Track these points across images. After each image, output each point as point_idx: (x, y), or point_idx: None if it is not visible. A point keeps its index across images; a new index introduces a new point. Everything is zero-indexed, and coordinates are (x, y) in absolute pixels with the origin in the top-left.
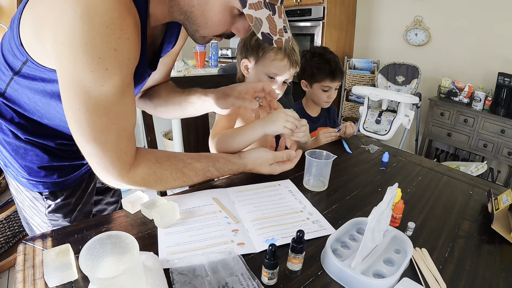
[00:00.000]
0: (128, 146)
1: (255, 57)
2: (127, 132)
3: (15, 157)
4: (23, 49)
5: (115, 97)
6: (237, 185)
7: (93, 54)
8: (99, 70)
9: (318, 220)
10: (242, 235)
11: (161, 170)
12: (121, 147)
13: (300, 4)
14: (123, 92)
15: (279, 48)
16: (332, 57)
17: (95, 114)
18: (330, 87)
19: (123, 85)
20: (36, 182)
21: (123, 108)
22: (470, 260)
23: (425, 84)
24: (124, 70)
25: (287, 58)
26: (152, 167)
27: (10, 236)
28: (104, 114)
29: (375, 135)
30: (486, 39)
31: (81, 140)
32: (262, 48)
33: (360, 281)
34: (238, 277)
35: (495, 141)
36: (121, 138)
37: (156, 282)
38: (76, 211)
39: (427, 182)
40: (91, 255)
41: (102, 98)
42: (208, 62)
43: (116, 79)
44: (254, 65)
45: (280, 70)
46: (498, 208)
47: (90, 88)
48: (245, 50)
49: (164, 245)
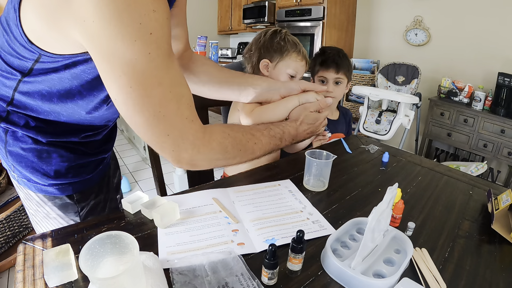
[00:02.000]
0: (192, 113)
1: (278, 57)
2: (186, 98)
3: (39, 164)
4: (34, 46)
5: (164, 63)
6: (237, 185)
7: (132, 21)
8: (143, 37)
9: (318, 220)
10: (242, 235)
11: (234, 132)
12: (186, 115)
13: (300, 4)
14: (169, 55)
15: (299, 51)
16: (329, 50)
17: (149, 87)
18: (326, 78)
19: (168, 48)
20: (65, 185)
21: (174, 73)
22: (470, 260)
23: (425, 84)
24: (166, 31)
25: (305, 59)
26: (225, 130)
27: (10, 236)
28: (158, 84)
29: (375, 135)
30: (486, 39)
31: (141, 122)
32: (286, 49)
33: (360, 281)
34: (238, 277)
35: (495, 141)
36: (182, 106)
37: (156, 282)
38: (107, 208)
39: (427, 182)
40: (91, 255)
41: (152, 67)
42: None
43: (162, 42)
44: (276, 65)
45: (300, 70)
46: (498, 208)
47: (136, 60)
48: (265, 50)
49: (164, 245)
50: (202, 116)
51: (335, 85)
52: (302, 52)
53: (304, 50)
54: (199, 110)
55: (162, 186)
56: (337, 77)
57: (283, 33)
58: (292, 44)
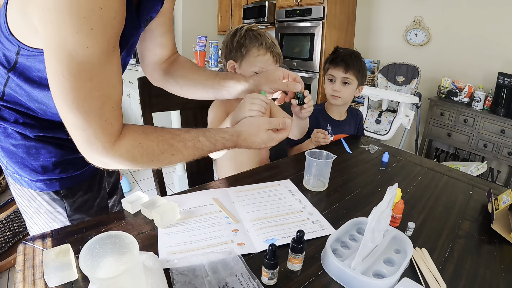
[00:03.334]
0: (113, 116)
1: (240, 57)
2: (113, 101)
3: (27, 160)
4: (14, 38)
5: (100, 61)
6: (237, 185)
7: (78, 14)
8: (83, 30)
9: (318, 220)
10: (242, 235)
11: (147, 141)
12: (106, 117)
13: (300, 4)
14: (108, 55)
15: (260, 45)
16: (343, 49)
17: (79, 80)
18: (334, 77)
19: (108, 48)
20: (52, 180)
21: (108, 73)
22: (470, 260)
23: (425, 84)
24: (109, 30)
25: (269, 52)
26: (137, 138)
27: (10, 236)
28: (88, 80)
29: (375, 135)
30: (486, 39)
31: (64, 110)
32: (244, 46)
33: (360, 281)
34: (238, 277)
35: (495, 141)
36: (106, 107)
37: (156, 282)
38: (95, 205)
39: (427, 182)
40: (91, 255)
41: (87, 62)
42: (208, 62)
43: (102, 39)
44: (240, 65)
45: (265, 64)
46: (498, 208)
47: (74, 51)
48: (228, 52)
49: (164, 245)
50: (201, 116)
51: (342, 84)
52: (264, 44)
53: (267, 42)
54: (199, 110)
55: (162, 186)
56: (345, 76)
57: (244, 29)
58: (251, 39)
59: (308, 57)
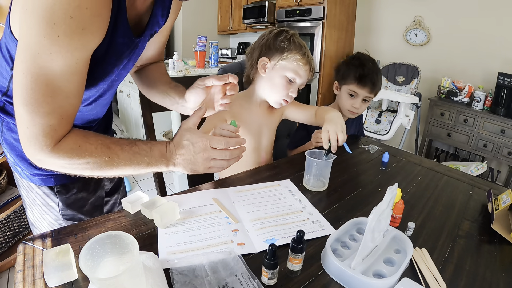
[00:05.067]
0: (59, 125)
1: (278, 57)
2: (63, 110)
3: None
4: (13, 36)
5: (60, 69)
6: (237, 185)
7: (49, 19)
8: (51, 36)
9: (318, 220)
10: (242, 235)
11: (87, 144)
12: (51, 123)
13: (300, 4)
14: (69, 66)
15: (303, 54)
16: (369, 65)
17: (36, 81)
18: (357, 94)
19: (71, 59)
20: (47, 175)
21: (65, 84)
22: (470, 260)
23: (425, 84)
24: (75, 41)
25: (308, 64)
26: (78, 141)
27: (10, 236)
28: (45, 84)
29: (375, 135)
30: (486, 39)
31: (17, 102)
32: (288, 49)
33: (360, 281)
34: (238, 277)
35: (495, 141)
36: (54, 114)
37: (156, 282)
38: (88, 204)
39: (427, 182)
40: (91, 255)
41: (47, 67)
42: (208, 62)
43: (66, 49)
44: (275, 65)
45: (302, 74)
46: (498, 208)
47: (38, 54)
48: (267, 48)
49: (164, 245)
50: None
51: (363, 102)
52: (307, 55)
53: (310, 55)
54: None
55: (162, 186)
56: (369, 96)
57: (290, 33)
58: (297, 45)
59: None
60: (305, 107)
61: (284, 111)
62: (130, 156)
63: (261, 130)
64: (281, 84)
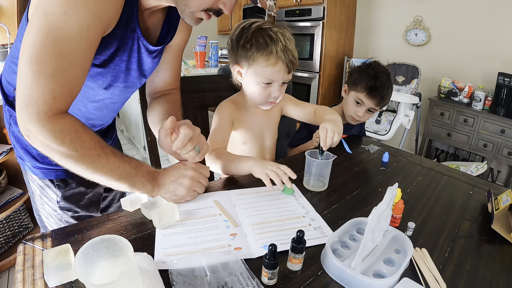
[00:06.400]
0: (60, 94)
1: (246, 63)
2: (66, 77)
3: (29, 147)
4: None
5: (70, 31)
6: (235, 185)
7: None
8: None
9: (320, 227)
10: (240, 239)
11: (83, 133)
12: (52, 89)
13: (300, 4)
14: (81, 30)
15: (269, 53)
16: (383, 78)
17: (45, 39)
18: (363, 103)
19: (84, 23)
20: (48, 170)
21: (73, 48)
22: (470, 260)
23: (425, 84)
24: (90, 4)
25: (280, 61)
26: (76, 125)
27: (10, 236)
28: (53, 45)
29: (375, 135)
30: (486, 39)
31: (22, 60)
32: (251, 53)
33: (360, 281)
34: (237, 276)
35: (495, 141)
36: (56, 79)
37: (152, 282)
38: (85, 199)
39: (427, 182)
40: (85, 261)
41: (59, 26)
42: (208, 62)
43: (80, 12)
44: (246, 72)
45: (274, 75)
46: (498, 208)
47: (52, 12)
48: (234, 55)
49: (160, 246)
50: (202, 116)
51: (367, 112)
52: (275, 51)
53: (279, 48)
54: (199, 110)
55: None
56: (375, 108)
57: (252, 29)
58: (259, 44)
59: (308, 57)
60: (304, 105)
61: (283, 108)
62: (119, 162)
63: (263, 132)
64: (258, 90)
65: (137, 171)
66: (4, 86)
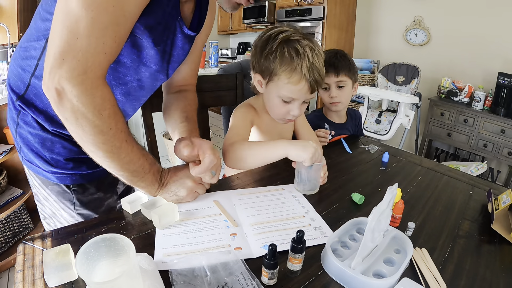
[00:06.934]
0: (111, 49)
1: (267, 75)
2: (118, 31)
3: (41, 150)
4: None
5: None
6: (238, 184)
7: None
8: None
9: (320, 227)
10: (240, 239)
11: (119, 113)
12: (105, 41)
13: (300, 4)
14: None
15: (293, 70)
16: (326, 53)
17: (99, 5)
18: (328, 84)
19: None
20: (63, 174)
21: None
22: (470, 260)
23: (425, 84)
24: None
25: (304, 80)
26: (115, 100)
27: (10, 236)
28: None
29: (375, 135)
30: (486, 39)
31: (72, 4)
32: (273, 66)
33: (360, 281)
34: (237, 276)
35: (495, 141)
36: (109, 31)
37: (153, 283)
38: (105, 205)
39: (427, 182)
40: (86, 259)
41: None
42: (208, 62)
43: None
44: (267, 85)
45: (295, 94)
46: (498, 208)
47: None
48: (256, 63)
49: (160, 246)
50: (202, 116)
51: (338, 89)
52: (299, 69)
53: (304, 66)
54: (199, 110)
55: None
56: (338, 80)
57: (278, 40)
58: (285, 58)
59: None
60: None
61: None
62: (139, 155)
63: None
64: (277, 105)
65: (151, 167)
66: (13, 84)
